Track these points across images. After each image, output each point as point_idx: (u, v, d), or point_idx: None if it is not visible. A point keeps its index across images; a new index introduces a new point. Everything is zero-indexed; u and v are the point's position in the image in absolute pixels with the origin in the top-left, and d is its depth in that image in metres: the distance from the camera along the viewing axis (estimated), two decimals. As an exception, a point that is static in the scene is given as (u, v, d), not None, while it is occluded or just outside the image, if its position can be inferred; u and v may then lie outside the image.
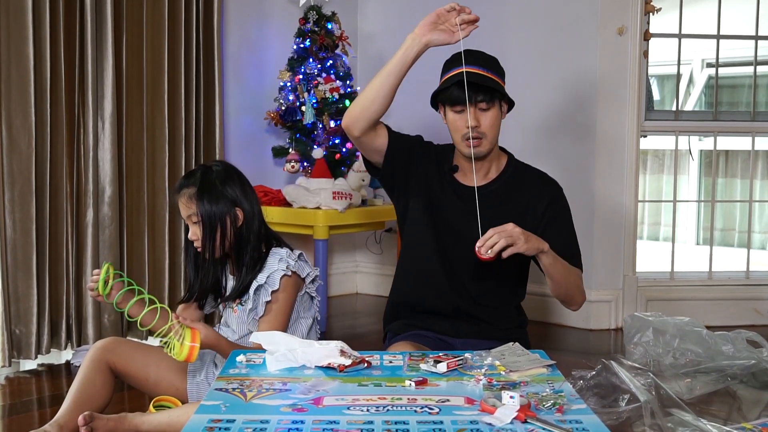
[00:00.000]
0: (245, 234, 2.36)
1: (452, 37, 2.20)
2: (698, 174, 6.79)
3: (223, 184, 2.33)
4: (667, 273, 4.22)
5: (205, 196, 2.30)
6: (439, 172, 2.45)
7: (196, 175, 2.35)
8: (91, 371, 2.32)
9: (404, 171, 2.44)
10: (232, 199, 2.33)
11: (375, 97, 2.27)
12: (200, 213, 2.29)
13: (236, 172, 2.41)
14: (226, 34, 4.13)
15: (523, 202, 2.41)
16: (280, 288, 2.32)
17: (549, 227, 2.38)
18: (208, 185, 2.32)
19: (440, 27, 2.19)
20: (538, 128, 4.15)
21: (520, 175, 2.46)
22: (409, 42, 2.22)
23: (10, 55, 3.11)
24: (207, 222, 2.30)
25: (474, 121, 2.29)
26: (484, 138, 2.32)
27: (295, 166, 4.08)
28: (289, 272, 2.33)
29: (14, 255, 3.14)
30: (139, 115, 3.56)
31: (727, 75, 6.49)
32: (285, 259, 2.35)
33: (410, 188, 2.45)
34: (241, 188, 2.37)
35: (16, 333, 3.16)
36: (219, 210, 2.31)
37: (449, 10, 2.19)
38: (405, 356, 1.94)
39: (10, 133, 3.11)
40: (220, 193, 2.32)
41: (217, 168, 2.38)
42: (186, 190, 2.32)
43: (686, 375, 2.99)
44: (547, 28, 4.12)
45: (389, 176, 2.46)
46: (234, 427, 1.44)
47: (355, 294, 5.03)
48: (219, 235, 2.31)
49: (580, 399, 1.61)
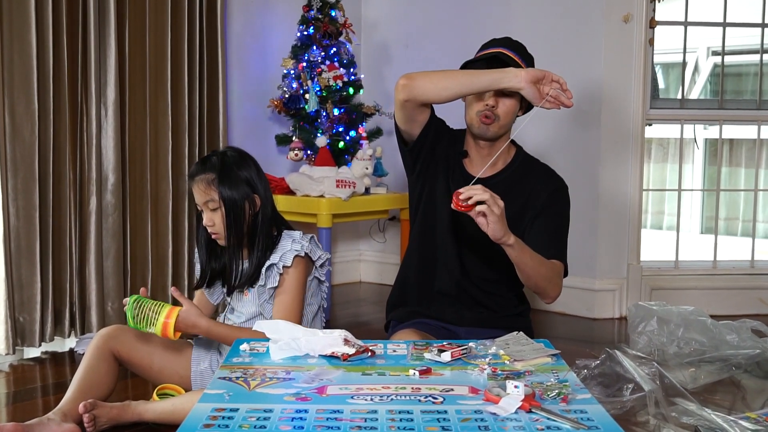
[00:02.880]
0: (261, 219, 2.36)
1: (539, 100, 2.22)
2: (703, 163, 6.77)
3: (240, 169, 2.33)
4: (671, 262, 4.22)
5: (225, 182, 2.30)
6: (455, 156, 2.48)
7: (212, 161, 2.34)
8: (96, 359, 2.32)
9: (431, 150, 2.47)
10: (249, 184, 2.34)
11: (449, 92, 2.30)
12: (222, 198, 2.29)
13: (250, 157, 2.42)
14: (229, 21, 4.12)
15: (525, 193, 2.41)
16: (292, 265, 2.33)
17: (542, 214, 2.39)
18: (227, 171, 2.31)
19: (538, 85, 2.21)
20: (543, 116, 4.11)
21: (526, 168, 2.47)
22: (510, 75, 2.23)
23: (12, 42, 3.09)
24: (229, 207, 2.30)
25: (493, 100, 2.31)
26: (496, 120, 2.35)
27: (298, 154, 4.07)
28: (302, 253, 2.34)
29: (17, 243, 3.14)
30: (142, 102, 3.55)
31: (733, 63, 6.47)
32: (298, 240, 2.36)
33: (432, 168, 2.48)
34: (256, 173, 2.38)
35: (19, 320, 3.16)
36: (239, 195, 2.31)
37: (554, 80, 2.21)
38: (409, 345, 1.94)
39: (13, 120, 3.10)
40: (238, 179, 2.32)
41: (233, 153, 2.38)
42: (204, 176, 2.31)
43: (690, 364, 2.98)
44: (552, 15, 4.10)
45: (417, 151, 2.48)
46: (237, 416, 1.44)
47: (359, 282, 5.02)
48: (239, 220, 2.31)
49: (585, 388, 1.61)
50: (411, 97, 2.33)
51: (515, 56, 2.37)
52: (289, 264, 2.33)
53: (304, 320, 2.42)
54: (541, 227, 2.37)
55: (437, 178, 2.46)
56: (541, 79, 2.21)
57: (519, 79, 2.21)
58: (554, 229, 2.39)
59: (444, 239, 2.44)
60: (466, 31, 4.33)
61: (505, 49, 2.38)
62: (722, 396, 2.76)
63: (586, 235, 4.00)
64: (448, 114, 2.59)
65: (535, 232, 2.36)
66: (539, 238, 2.34)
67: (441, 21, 4.53)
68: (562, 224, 2.43)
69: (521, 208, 2.38)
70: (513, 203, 2.36)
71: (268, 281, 2.34)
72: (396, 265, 2.64)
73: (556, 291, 2.33)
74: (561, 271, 2.36)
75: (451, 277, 2.45)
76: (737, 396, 2.77)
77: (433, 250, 2.47)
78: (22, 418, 2.09)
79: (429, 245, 2.48)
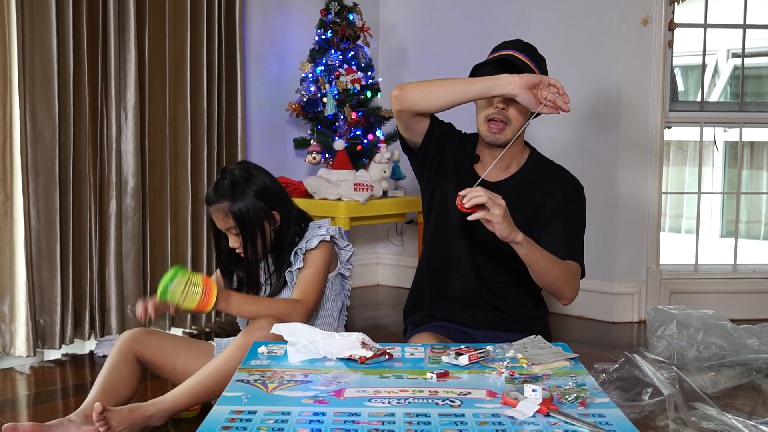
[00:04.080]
0: (284, 233, 2.40)
1: (536, 105, 2.18)
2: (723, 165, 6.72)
3: (251, 188, 2.34)
4: (691, 265, 4.19)
5: (240, 209, 2.32)
6: (466, 161, 2.45)
7: (224, 187, 2.34)
8: (118, 361, 2.34)
9: (439, 155, 2.45)
10: (265, 201, 2.36)
11: (442, 101, 2.29)
12: (238, 226, 2.32)
13: (259, 170, 2.42)
14: (248, 25, 4.13)
15: (540, 195, 2.38)
16: (317, 248, 2.37)
17: (556, 216, 2.35)
18: (240, 195, 2.33)
19: (534, 91, 2.18)
20: (561, 119, 4.10)
21: (540, 170, 2.44)
22: (503, 82, 2.20)
23: (33, 47, 3.12)
24: (248, 233, 2.33)
25: (503, 103, 2.29)
26: (507, 125, 2.32)
27: (316, 157, 4.08)
28: (328, 237, 2.38)
29: (38, 246, 3.17)
30: (161, 106, 3.57)
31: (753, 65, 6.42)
32: (325, 226, 2.41)
33: (441, 173, 2.46)
34: (270, 183, 2.40)
35: (40, 323, 3.19)
36: (256, 217, 2.33)
37: (551, 85, 2.18)
38: (426, 348, 1.94)
39: (34, 124, 3.13)
40: (252, 201, 2.33)
41: (241, 173, 2.37)
42: (218, 206, 2.33)
43: (710, 369, 2.96)
44: (570, 17, 4.09)
45: (423, 158, 2.47)
46: (255, 418, 1.45)
47: (377, 285, 5.03)
48: (260, 240, 2.35)
49: (604, 392, 1.60)
50: (404, 107, 2.32)
51: (525, 58, 2.33)
52: (313, 246, 2.37)
53: (331, 317, 2.45)
54: (557, 229, 2.34)
55: (447, 182, 2.44)
56: (537, 84, 2.17)
57: (512, 86, 2.17)
58: (570, 230, 2.36)
59: (457, 243, 2.43)
60: (484, 33, 4.32)
61: (515, 52, 2.35)
62: (742, 401, 2.73)
63: (604, 239, 3.98)
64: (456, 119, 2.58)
65: (550, 234, 2.34)
66: (555, 240, 2.31)
67: (458, 24, 4.53)
68: (578, 225, 2.41)
69: (536, 210, 2.36)
70: (528, 206, 2.35)
71: (295, 262, 2.38)
72: (414, 269, 2.63)
73: (571, 292, 2.29)
74: (577, 271, 2.32)
75: (465, 281, 2.43)
76: (758, 401, 2.74)
77: (446, 254, 2.46)
78: (42, 420, 2.11)
79: (442, 250, 2.47)
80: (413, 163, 2.53)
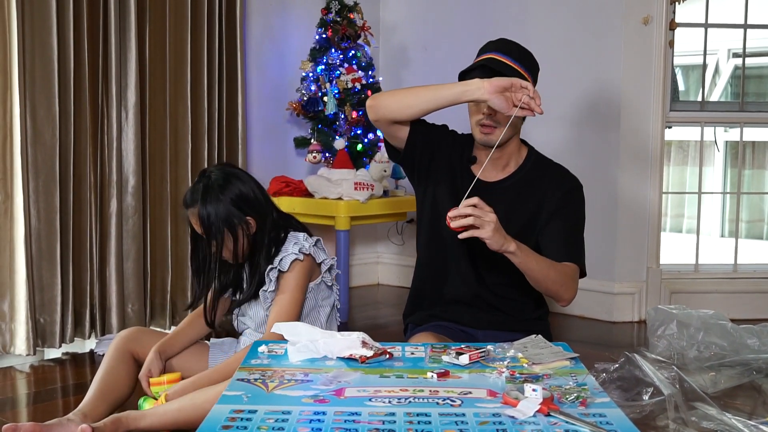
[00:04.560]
0: (259, 239, 2.35)
1: (509, 108, 2.15)
2: (723, 165, 6.72)
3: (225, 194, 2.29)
4: (691, 265, 4.19)
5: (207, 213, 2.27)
6: (461, 162, 2.44)
7: (197, 191, 2.30)
8: (115, 360, 2.33)
9: (426, 158, 2.43)
10: (239, 207, 2.31)
11: (414, 109, 2.30)
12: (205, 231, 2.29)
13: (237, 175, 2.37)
14: (248, 24, 4.13)
15: (538, 195, 2.37)
16: (290, 269, 2.32)
17: (555, 216, 2.34)
18: (212, 201, 2.28)
19: (506, 94, 2.15)
20: (562, 119, 4.12)
21: (539, 169, 2.42)
22: (474, 88, 2.17)
23: (34, 46, 3.12)
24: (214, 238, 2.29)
25: (489, 109, 2.27)
26: (498, 127, 2.29)
27: (317, 156, 4.08)
28: (301, 256, 2.32)
29: (38, 245, 3.16)
30: (162, 105, 3.57)
31: (753, 65, 6.42)
32: (300, 242, 2.34)
33: (432, 175, 2.44)
34: (250, 188, 2.35)
35: (40, 322, 3.19)
36: (228, 223, 2.28)
37: (523, 87, 2.14)
38: (427, 348, 1.94)
39: (34, 123, 3.13)
40: (226, 207, 2.29)
41: (216, 177, 2.32)
42: (192, 209, 2.30)
43: (710, 368, 2.96)
44: (571, 17, 4.08)
45: (409, 162, 2.46)
46: (255, 417, 1.45)
47: (377, 285, 5.03)
48: (232, 245, 2.31)
49: (604, 392, 1.60)
50: (378, 117, 2.34)
51: (507, 59, 2.30)
52: (286, 269, 2.31)
53: (319, 323, 2.42)
54: (556, 229, 2.34)
55: (439, 185, 2.42)
56: (507, 88, 2.15)
57: (483, 91, 2.14)
58: (569, 230, 2.36)
59: (453, 247, 2.39)
60: (484, 33, 4.29)
61: (497, 54, 2.31)
62: (743, 400, 2.73)
63: (605, 238, 3.98)
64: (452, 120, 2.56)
65: (550, 235, 2.33)
66: (555, 241, 2.31)
67: (459, 23, 4.52)
68: (577, 225, 2.40)
69: (536, 210, 2.35)
70: (527, 205, 2.34)
71: (270, 285, 2.34)
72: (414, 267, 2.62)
73: (569, 294, 2.28)
74: (575, 273, 2.31)
75: (464, 283, 2.41)
76: (758, 400, 2.74)
77: (443, 258, 2.43)
78: (43, 419, 2.10)
79: (440, 253, 2.44)
80: (402, 167, 2.54)
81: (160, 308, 3.63)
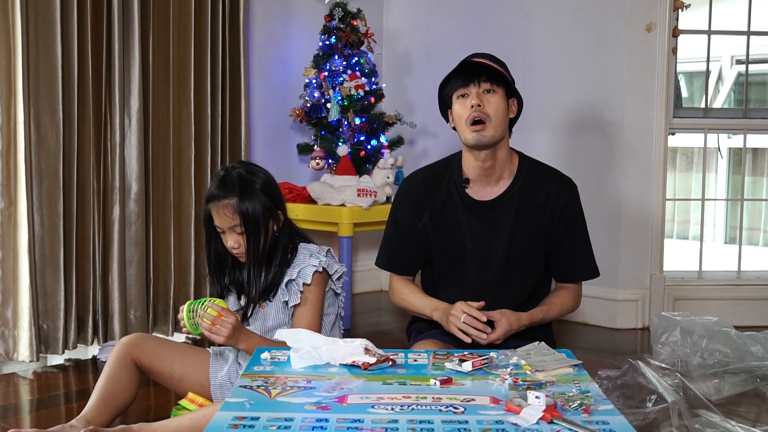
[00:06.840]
0: (281, 234, 2.36)
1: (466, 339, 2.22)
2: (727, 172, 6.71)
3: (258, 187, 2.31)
4: (695, 272, 4.18)
5: (249, 205, 2.27)
6: (448, 192, 2.40)
7: (231, 183, 2.29)
8: (117, 367, 2.33)
9: (423, 226, 2.43)
10: (272, 199, 2.33)
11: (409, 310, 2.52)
12: (245, 223, 2.27)
13: (261, 170, 2.39)
14: (251, 30, 4.14)
15: (540, 205, 2.36)
16: (313, 282, 2.32)
17: (566, 236, 2.37)
18: (250, 192, 2.28)
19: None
20: (565, 126, 4.12)
21: (534, 177, 2.39)
22: (437, 316, 2.33)
23: (38, 52, 3.13)
24: (253, 231, 2.29)
25: (477, 99, 2.25)
26: (488, 121, 2.25)
27: (320, 163, 4.08)
28: (320, 268, 2.33)
29: (42, 251, 3.17)
30: (165, 111, 3.58)
31: (757, 72, 6.41)
32: (316, 254, 2.35)
33: (431, 223, 2.42)
34: (273, 184, 2.37)
35: (43, 328, 3.19)
36: (263, 216, 2.29)
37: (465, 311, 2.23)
38: (430, 355, 1.94)
39: (38, 129, 3.14)
40: (261, 199, 2.29)
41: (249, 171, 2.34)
42: (226, 201, 2.27)
43: (714, 376, 2.95)
44: (574, 24, 4.09)
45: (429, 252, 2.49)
46: (258, 424, 1.44)
47: (380, 291, 5.02)
48: (263, 240, 2.31)
49: (607, 399, 1.60)
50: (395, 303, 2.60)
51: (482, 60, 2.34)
52: (309, 281, 2.32)
53: (323, 331, 2.42)
54: (571, 248, 2.39)
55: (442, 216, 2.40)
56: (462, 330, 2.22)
57: (444, 321, 2.27)
58: (582, 246, 2.42)
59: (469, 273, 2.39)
60: (487, 40, 4.32)
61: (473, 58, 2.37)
62: (746, 408, 2.73)
63: (608, 245, 3.97)
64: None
65: (564, 255, 2.38)
66: (571, 263, 2.41)
67: (462, 30, 4.53)
68: (585, 240, 2.44)
69: (539, 221, 2.34)
70: (530, 218, 2.34)
71: (291, 298, 2.33)
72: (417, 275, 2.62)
73: (575, 309, 2.48)
74: (578, 288, 2.47)
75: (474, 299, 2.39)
76: (762, 408, 2.74)
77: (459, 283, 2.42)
78: (46, 425, 2.11)
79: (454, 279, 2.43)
80: None
81: (163, 314, 3.63)
